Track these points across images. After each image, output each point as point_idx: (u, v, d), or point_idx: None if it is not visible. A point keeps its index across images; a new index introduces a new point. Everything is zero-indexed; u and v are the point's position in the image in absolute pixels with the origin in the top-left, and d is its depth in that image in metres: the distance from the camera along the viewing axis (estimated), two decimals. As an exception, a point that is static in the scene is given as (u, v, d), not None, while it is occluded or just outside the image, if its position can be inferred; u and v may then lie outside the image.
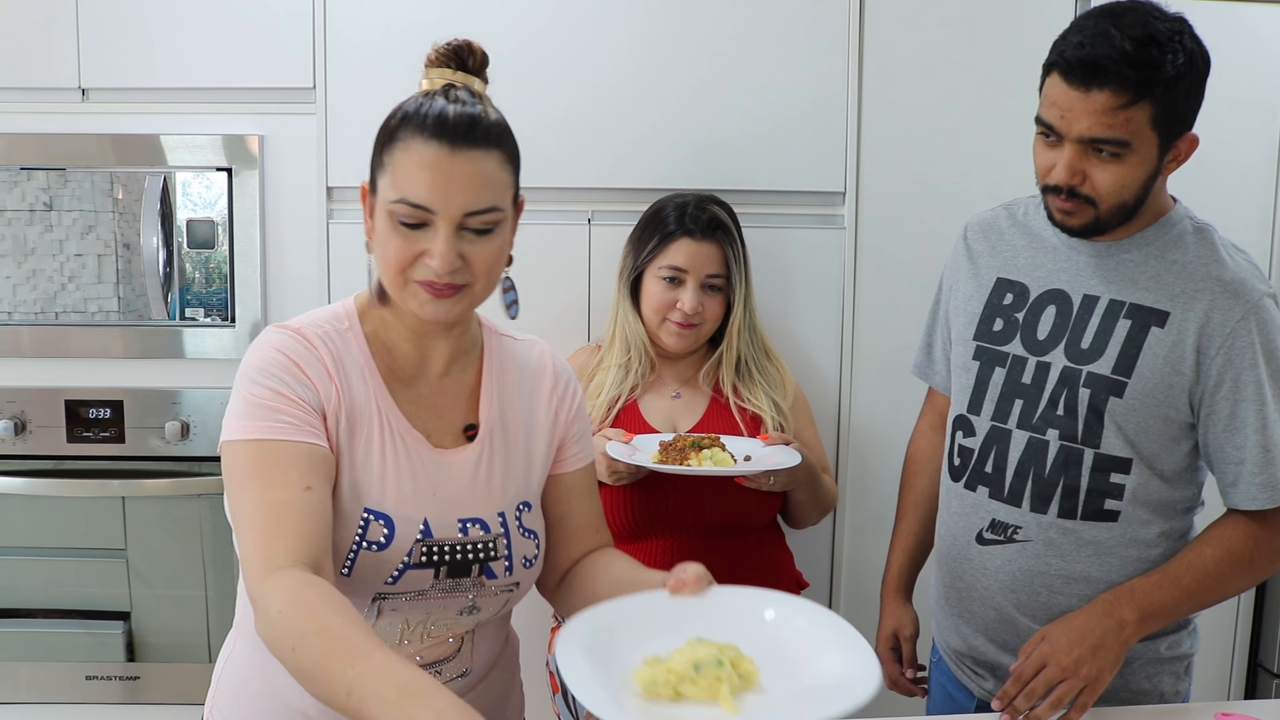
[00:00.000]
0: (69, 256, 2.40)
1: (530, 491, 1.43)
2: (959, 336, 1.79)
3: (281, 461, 1.22)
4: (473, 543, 1.35)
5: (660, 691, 1.14)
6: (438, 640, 1.38)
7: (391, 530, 1.30)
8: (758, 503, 2.04)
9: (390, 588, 1.31)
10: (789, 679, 1.18)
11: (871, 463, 2.46)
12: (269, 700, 1.37)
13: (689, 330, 2.07)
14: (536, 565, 1.42)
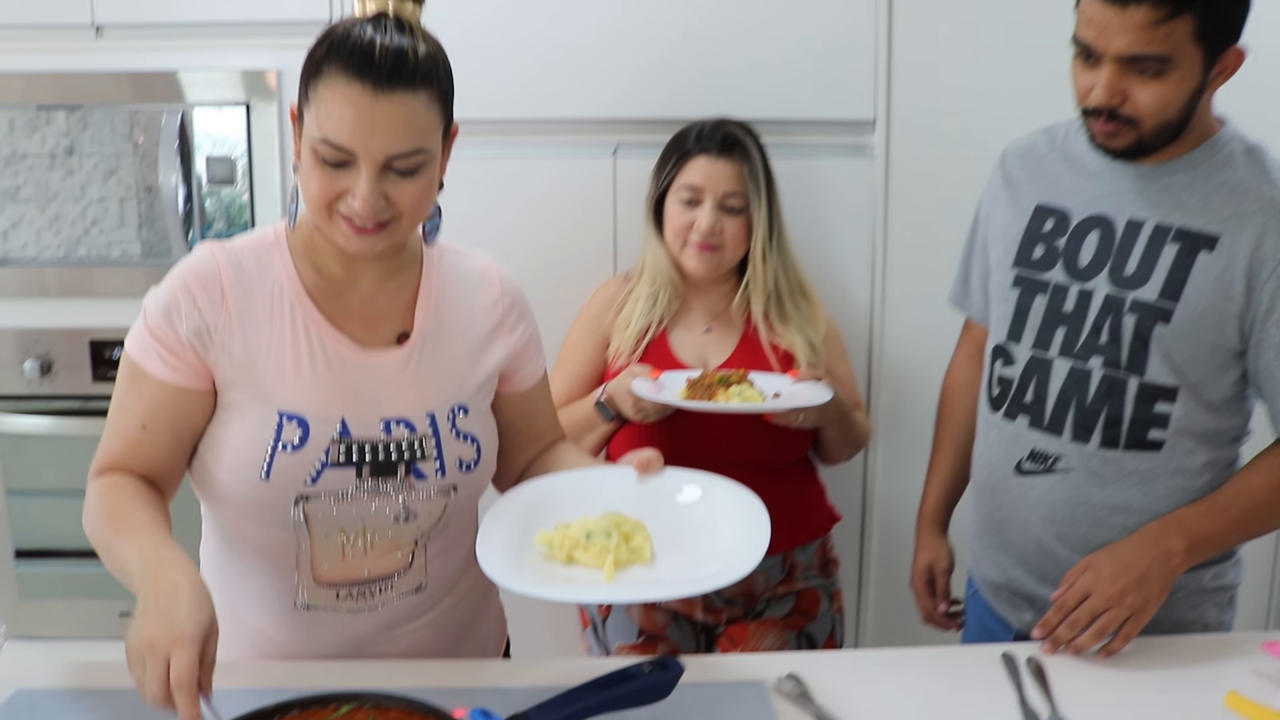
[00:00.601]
0: (91, 201, 2.39)
1: (467, 395, 1.42)
2: (997, 265, 1.75)
3: (139, 390, 1.32)
4: (396, 442, 1.36)
5: (556, 554, 1.29)
6: (383, 552, 1.39)
7: (306, 431, 1.32)
8: (787, 440, 2.02)
9: (310, 488, 1.32)
10: (681, 557, 1.29)
11: (904, 396, 2.43)
12: (230, 622, 1.39)
13: (710, 253, 2.02)
14: (478, 471, 1.42)
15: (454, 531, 1.46)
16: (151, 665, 1.06)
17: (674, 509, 1.37)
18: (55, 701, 1.31)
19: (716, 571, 1.23)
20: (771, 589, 2.06)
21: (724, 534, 1.31)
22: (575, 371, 2.11)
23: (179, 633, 1.06)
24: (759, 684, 1.36)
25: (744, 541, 1.27)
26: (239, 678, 1.31)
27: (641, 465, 1.40)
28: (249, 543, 1.39)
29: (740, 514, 1.33)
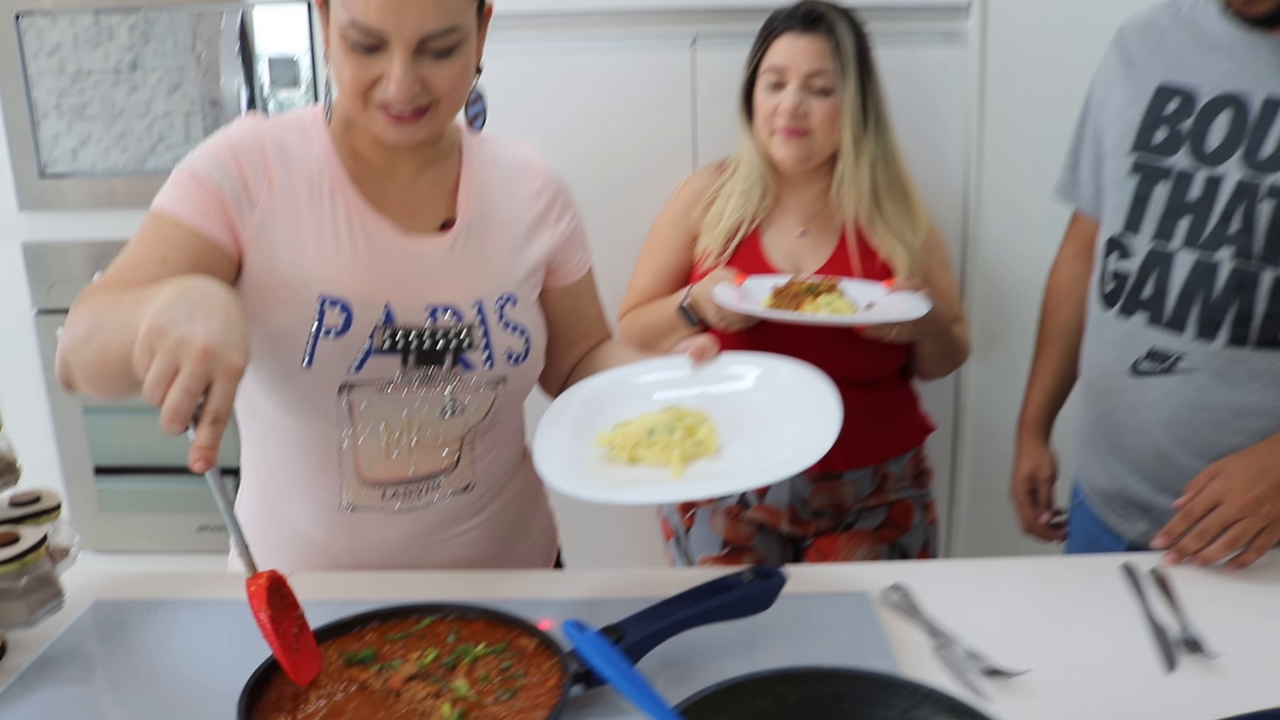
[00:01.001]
0: (156, 116, 2.37)
1: (514, 285, 1.38)
2: (1113, 151, 1.62)
3: (162, 232, 1.22)
4: (443, 330, 1.31)
5: (618, 456, 1.23)
6: (429, 450, 1.34)
7: (349, 316, 1.27)
8: (879, 355, 1.91)
9: (355, 376, 1.27)
10: (748, 446, 1.22)
11: (1001, 298, 2.30)
12: (276, 528, 1.39)
13: (797, 139, 1.88)
14: (528, 364, 1.37)
15: (501, 430, 1.41)
16: (190, 376, 0.90)
17: (735, 397, 1.31)
18: (133, 612, 1.28)
19: (789, 457, 1.16)
20: (862, 501, 1.97)
21: (791, 418, 1.24)
22: (659, 268, 2.01)
23: (234, 361, 0.92)
24: (861, 595, 1.28)
25: (814, 423, 1.20)
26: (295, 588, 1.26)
27: (696, 353, 1.34)
28: (290, 440, 1.35)
29: (806, 395, 1.26)
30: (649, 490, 1.22)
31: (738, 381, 1.32)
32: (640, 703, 0.85)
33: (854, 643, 1.18)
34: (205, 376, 0.91)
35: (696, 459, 1.21)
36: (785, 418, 1.25)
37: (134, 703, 1.12)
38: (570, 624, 0.88)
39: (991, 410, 2.31)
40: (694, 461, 1.21)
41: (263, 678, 1.03)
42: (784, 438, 1.21)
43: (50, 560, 1.17)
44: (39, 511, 1.21)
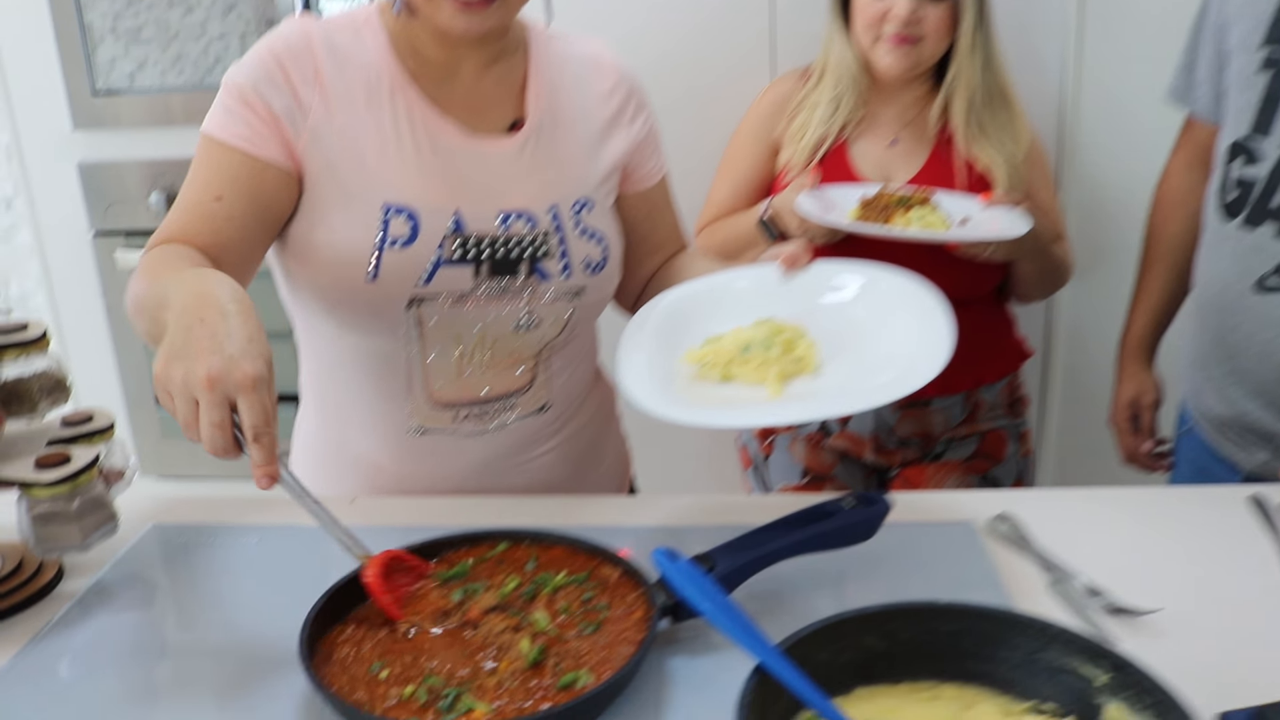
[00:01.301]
0: (212, 38, 2.32)
1: (590, 189, 1.29)
2: (1240, 45, 1.47)
3: (216, 162, 1.17)
4: (516, 237, 1.23)
5: (709, 373, 1.14)
6: (504, 367, 1.26)
7: (416, 225, 1.19)
8: (974, 274, 1.77)
9: (425, 289, 1.20)
10: (851, 365, 1.13)
11: (1099, 212, 2.16)
12: (338, 452, 1.34)
13: (907, 47, 1.72)
14: (606, 273, 1.29)
15: (577, 347, 1.34)
16: (209, 407, 0.86)
17: (834, 310, 1.20)
18: (193, 536, 1.23)
19: (896, 378, 1.06)
20: (952, 429, 1.86)
21: (897, 334, 1.14)
22: (739, 181, 1.89)
23: (246, 374, 0.86)
24: (965, 525, 1.18)
25: (923, 341, 1.10)
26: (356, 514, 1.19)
27: (788, 261, 1.24)
28: (355, 360, 1.28)
29: (914, 309, 1.16)
30: (746, 412, 1.12)
31: (837, 293, 1.21)
32: (740, 639, 0.77)
33: (960, 576, 1.08)
34: (224, 402, 0.86)
35: (794, 377, 1.12)
36: (890, 334, 1.14)
37: (194, 629, 1.06)
38: (661, 552, 0.80)
39: (1086, 333, 2.18)
40: (792, 380, 1.11)
41: (327, 607, 0.96)
42: (890, 357, 1.11)
43: (104, 482, 1.11)
44: (92, 432, 1.14)
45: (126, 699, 0.95)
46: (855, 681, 0.85)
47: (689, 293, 1.26)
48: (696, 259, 1.41)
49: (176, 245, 1.14)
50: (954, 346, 1.08)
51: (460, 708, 0.85)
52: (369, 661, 0.92)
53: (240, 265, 1.18)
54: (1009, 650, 0.85)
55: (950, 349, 1.07)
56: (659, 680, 0.93)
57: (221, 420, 0.86)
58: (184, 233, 1.16)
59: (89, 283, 2.42)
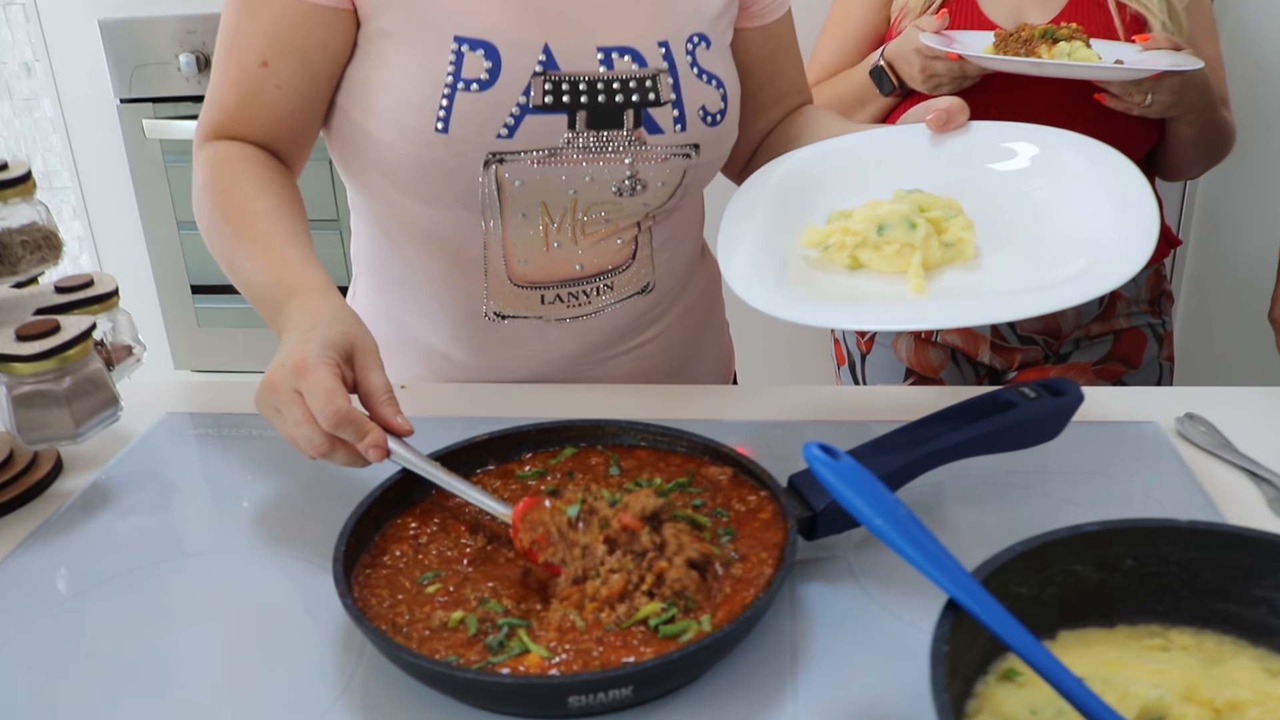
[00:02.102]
0: None
1: (706, 21, 1.06)
2: None
3: (255, 14, 0.99)
4: (621, 79, 1.00)
5: (834, 257, 0.91)
6: (599, 239, 1.05)
7: (496, 63, 0.97)
8: (1125, 131, 1.50)
9: (507, 144, 0.98)
10: (1019, 254, 0.88)
11: (1259, 86, 1.88)
12: (398, 343, 1.15)
13: None
14: (725, 126, 1.07)
15: (684, 216, 1.13)
16: (284, 407, 0.79)
17: (1002, 182, 0.96)
18: (213, 427, 1.04)
19: (1079, 273, 0.82)
20: (1083, 326, 1.62)
21: (1081, 216, 0.90)
22: (848, 34, 1.63)
23: (296, 359, 0.78)
24: (1151, 424, 0.97)
25: (1116, 226, 0.86)
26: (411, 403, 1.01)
27: (939, 118, 1.00)
28: (420, 232, 1.07)
29: (1104, 184, 0.91)
30: (879, 311, 0.88)
31: (1006, 161, 0.97)
32: (929, 569, 0.56)
33: (1155, 490, 0.88)
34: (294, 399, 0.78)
35: (945, 267, 0.88)
36: (1072, 216, 0.90)
37: (215, 534, 0.87)
38: (814, 448, 0.59)
39: (1228, 218, 1.92)
40: (940, 271, 0.88)
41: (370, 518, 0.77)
42: (1072, 244, 0.87)
43: (103, 360, 0.92)
44: (90, 299, 0.95)
45: (134, 617, 0.77)
46: (1059, 623, 0.64)
47: (812, 156, 1.03)
48: (822, 116, 1.17)
49: (232, 149, 1.02)
50: (1155, 238, 0.84)
51: (511, 648, 0.66)
52: (425, 566, 0.74)
53: (297, 141, 1.05)
54: (1271, 588, 0.63)
55: (1154, 239, 0.83)
56: (789, 615, 0.73)
57: (298, 417, 0.78)
58: (236, 119, 1.02)
59: (116, 155, 2.23)
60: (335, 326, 0.81)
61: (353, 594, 0.70)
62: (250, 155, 1.01)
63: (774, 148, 1.15)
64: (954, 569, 0.57)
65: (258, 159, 1.01)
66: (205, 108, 1.04)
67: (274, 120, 1.02)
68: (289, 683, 0.69)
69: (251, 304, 0.95)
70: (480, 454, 0.86)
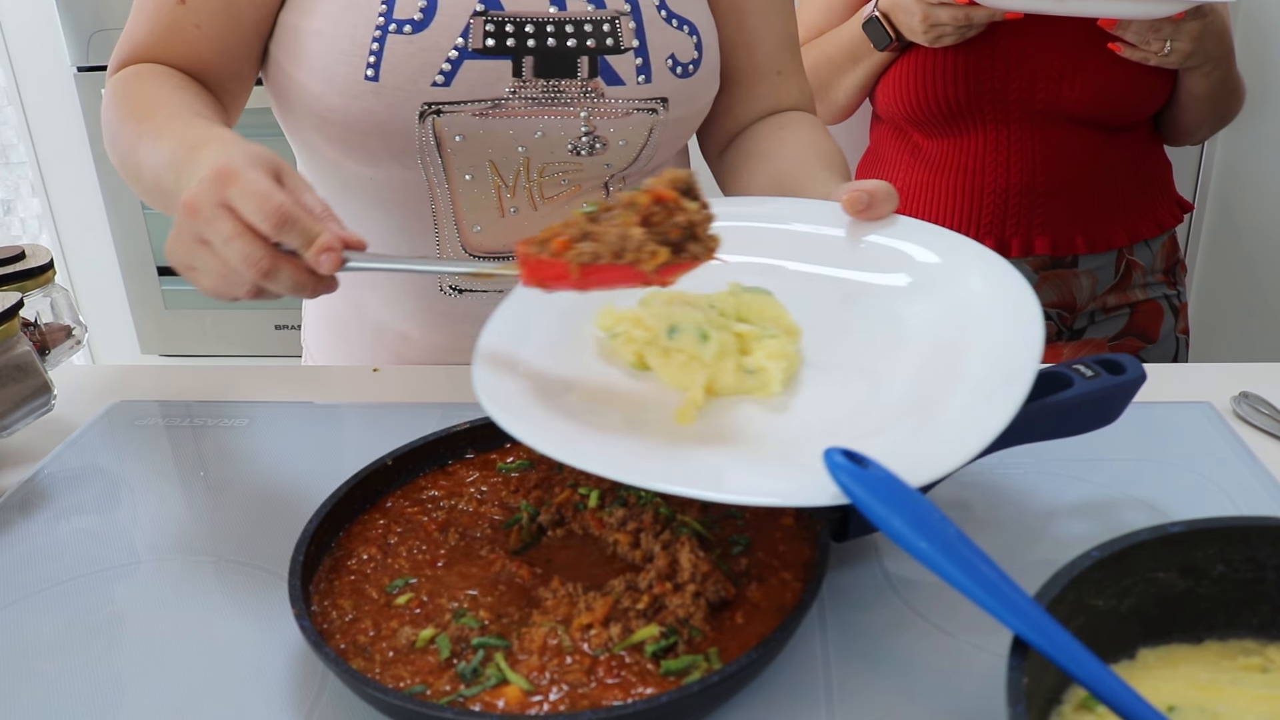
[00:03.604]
0: None
1: None
2: None
3: None
4: (575, 21, 0.91)
5: (620, 351, 0.73)
6: (560, 201, 0.96)
7: (432, 0, 0.87)
8: (1138, 83, 1.41)
9: (444, 93, 0.89)
10: (845, 394, 0.68)
11: (1273, 43, 1.79)
12: (356, 324, 1.06)
13: None
14: (700, 79, 0.97)
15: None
16: (209, 227, 0.68)
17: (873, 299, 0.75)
18: (163, 417, 0.94)
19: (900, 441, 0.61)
20: (1099, 298, 1.52)
21: (943, 363, 0.67)
22: None
23: (219, 166, 0.68)
24: (1205, 405, 0.87)
25: (974, 389, 0.64)
26: (378, 388, 0.91)
27: (857, 200, 0.78)
28: (366, 198, 0.97)
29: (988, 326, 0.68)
30: (605, 447, 0.64)
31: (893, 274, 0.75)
32: (987, 601, 0.47)
33: (1219, 479, 0.78)
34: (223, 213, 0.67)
35: (739, 395, 0.69)
36: (934, 361, 0.68)
37: (161, 537, 0.78)
38: (835, 454, 0.49)
39: (1242, 186, 1.83)
40: (733, 400, 0.69)
41: (334, 518, 0.67)
42: (906, 403, 0.66)
43: (35, 344, 0.82)
44: (20, 273, 0.85)
45: (71, 633, 0.68)
46: (1140, 639, 0.55)
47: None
48: (799, 140, 1.00)
49: (145, 66, 0.93)
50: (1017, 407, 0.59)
51: (487, 677, 0.56)
52: (396, 571, 0.65)
53: (226, 83, 0.95)
54: (1385, 597, 0.54)
55: (1013, 410, 0.59)
56: (818, 630, 0.63)
57: (226, 233, 0.67)
58: (149, 51, 0.94)
59: (74, 127, 2.13)
60: (255, 147, 0.72)
61: (312, 606, 0.61)
62: (164, 70, 0.92)
63: (741, 152, 1.03)
64: (1016, 598, 0.48)
65: (167, 71, 0.92)
66: (118, 44, 0.95)
67: (194, 61, 0.93)
68: (242, 712, 0.60)
69: (153, 198, 0.85)
70: (459, 444, 0.76)
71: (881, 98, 1.52)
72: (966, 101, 1.44)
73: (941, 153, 1.49)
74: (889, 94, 1.49)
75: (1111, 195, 1.48)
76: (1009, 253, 1.48)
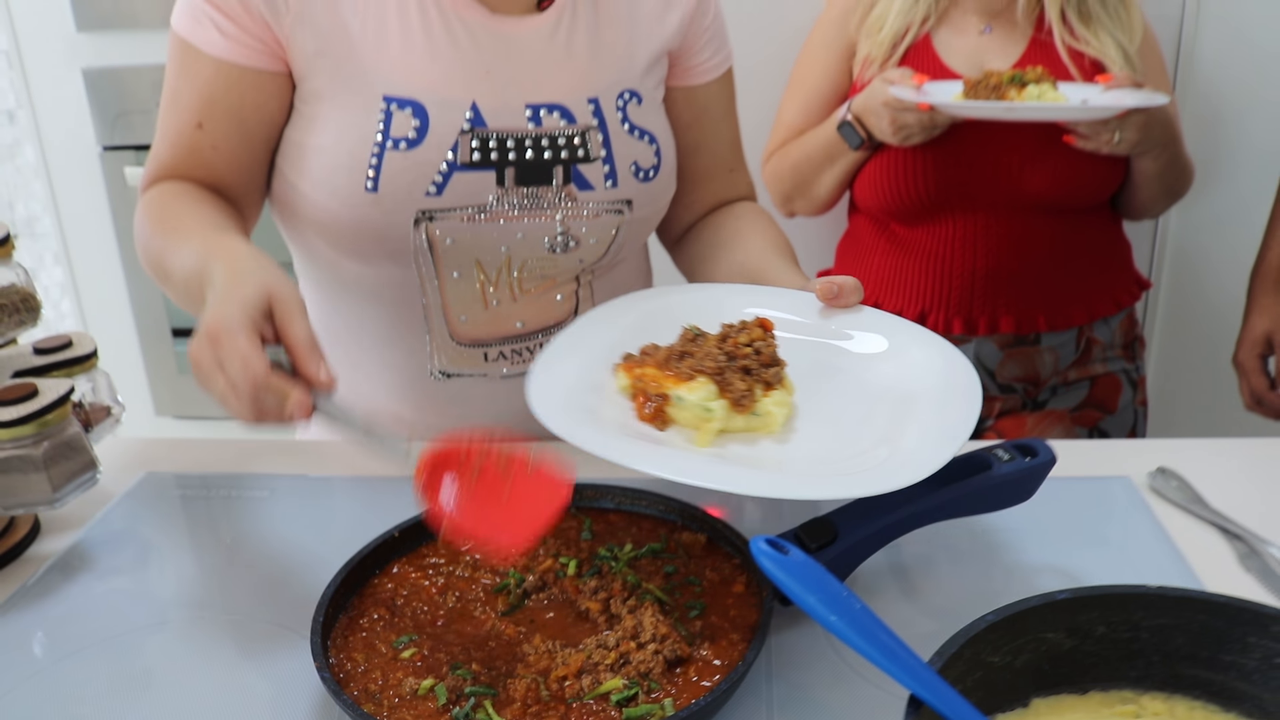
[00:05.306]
0: None
1: (636, 78, 1.08)
2: None
3: (192, 75, 1.01)
4: (549, 136, 1.02)
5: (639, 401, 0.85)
6: (538, 295, 1.06)
7: (424, 120, 0.99)
8: (1093, 171, 1.53)
9: (436, 201, 1.00)
10: (830, 432, 0.83)
11: (1219, 128, 1.91)
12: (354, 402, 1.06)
13: None
14: (659, 183, 1.09)
15: (626, 270, 1.15)
16: (208, 381, 0.77)
17: (851, 362, 0.91)
18: (192, 488, 1.04)
19: (881, 461, 0.77)
20: (1061, 372, 1.63)
21: (904, 410, 0.84)
22: (812, 92, 1.66)
23: (211, 326, 0.76)
24: (1124, 480, 0.97)
25: (934, 424, 0.80)
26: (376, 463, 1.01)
27: (829, 291, 0.93)
28: (362, 293, 1.08)
29: (936, 380, 0.86)
30: (648, 454, 0.77)
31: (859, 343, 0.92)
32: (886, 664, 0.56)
33: (1129, 548, 0.89)
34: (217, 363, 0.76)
35: (745, 434, 0.83)
36: (896, 407, 0.85)
37: (191, 600, 0.87)
38: (760, 542, 0.59)
39: (1203, 264, 1.94)
40: (739, 438, 0.82)
41: (350, 583, 0.77)
42: (881, 434, 0.81)
43: (81, 423, 0.92)
44: (69, 360, 0.95)
45: (110, 683, 0.77)
46: (1032, 690, 0.65)
47: (690, 297, 0.98)
48: (753, 233, 1.12)
49: (171, 183, 1.03)
50: (956, 449, 0.76)
51: None
52: (401, 629, 0.74)
53: (241, 196, 1.06)
54: (1239, 652, 0.64)
55: (953, 450, 0.76)
56: (765, 680, 0.73)
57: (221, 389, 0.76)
58: (174, 169, 1.04)
59: (98, 203, 2.23)
60: (250, 282, 0.79)
61: (330, 659, 0.71)
62: (185, 186, 1.02)
63: (702, 241, 1.15)
64: (911, 662, 0.57)
65: (192, 188, 1.02)
66: (147, 163, 1.06)
67: (214, 177, 1.03)
68: (266, 755, 0.69)
69: (187, 305, 0.92)
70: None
71: (859, 191, 1.64)
72: (936, 194, 1.55)
73: (914, 239, 1.60)
74: (865, 188, 1.61)
75: (1072, 276, 1.59)
76: (976, 330, 1.59)
